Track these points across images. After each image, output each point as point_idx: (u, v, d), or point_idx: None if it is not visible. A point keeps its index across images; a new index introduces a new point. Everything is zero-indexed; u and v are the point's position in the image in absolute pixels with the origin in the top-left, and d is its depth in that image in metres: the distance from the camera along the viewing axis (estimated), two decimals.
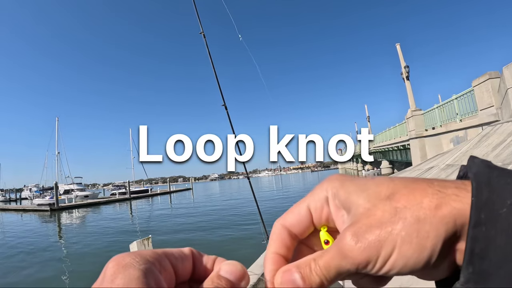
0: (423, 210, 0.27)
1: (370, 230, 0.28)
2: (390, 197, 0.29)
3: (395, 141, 28.58)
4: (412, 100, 23.20)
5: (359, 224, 0.29)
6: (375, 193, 0.31)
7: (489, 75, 11.53)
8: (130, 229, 20.58)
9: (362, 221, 0.29)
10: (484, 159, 0.30)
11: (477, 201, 0.26)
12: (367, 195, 0.31)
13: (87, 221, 27.98)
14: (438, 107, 17.32)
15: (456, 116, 15.01)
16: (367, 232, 0.28)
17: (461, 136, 13.96)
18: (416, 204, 0.28)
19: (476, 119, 12.44)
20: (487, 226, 0.25)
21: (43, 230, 23.33)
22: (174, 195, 58.07)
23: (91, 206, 42.61)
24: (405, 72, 24.40)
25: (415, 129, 19.70)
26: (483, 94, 11.87)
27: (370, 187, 0.31)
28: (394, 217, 0.28)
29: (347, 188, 0.33)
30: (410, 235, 0.27)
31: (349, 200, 0.32)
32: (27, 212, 40.37)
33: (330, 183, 0.34)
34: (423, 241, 0.27)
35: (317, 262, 0.31)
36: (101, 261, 3.76)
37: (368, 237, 0.28)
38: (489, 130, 9.12)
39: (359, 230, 0.29)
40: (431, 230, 0.27)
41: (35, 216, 35.15)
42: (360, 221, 0.29)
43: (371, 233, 0.28)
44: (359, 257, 0.28)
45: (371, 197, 0.30)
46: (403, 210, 0.28)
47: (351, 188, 0.32)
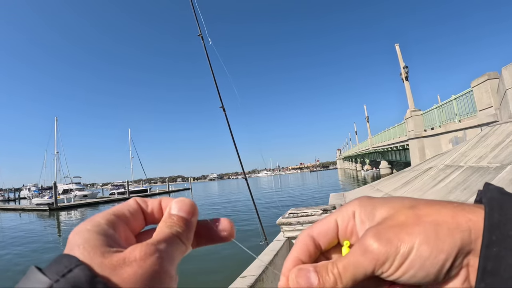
0: (442, 216, 0.30)
1: (391, 229, 0.30)
2: (413, 207, 0.32)
3: (394, 141, 28.62)
4: (411, 100, 23.23)
5: (381, 225, 0.32)
6: (399, 204, 0.33)
7: (488, 75, 11.54)
8: None
9: (385, 223, 0.32)
10: (498, 186, 0.32)
11: (489, 224, 0.28)
12: (392, 205, 0.33)
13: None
14: (437, 107, 17.34)
15: (455, 116, 15.02)
16: (388, 231, 0.30)
17: (460, 137, 13.98)
18: (436, 212, 0.30)
19: (475, 119, 12.46)
20: (498, 247, 0.27)
21: (41, 230, 23.24)
22: (172, 194, 57.94)
23: (90, 205, 42.54)
24: (404, 72, 24.43)
25: (414, 129, 19.71)
26: (482, 95, 11.88)
27: (395, 200, 0.34)
28: (415, 221, 0.30)
29: (373, 202, 0.35)
30: (429, 236, 0.29)
31: (374, 211, 0.34)
32: (25, 212, 40.24)
33: (358, 200, 0.36)
34: (441, 244, 0.28)
35: (335, 264, 0.32)
36: None
37: (389, 235, 0.30)
38: (488, 130, 9.12)
39: (381, 229, 0.31)
40: (448, 235, 0.29)
41: (34, 215, 35.03)
42: (383, 223, 0.32)
43: (392, 232, 0.30)
44: (379, 252, 0.30)
45: (395, 206, 0.33)
46: (424, 216, 0.30)
47: (377, 202, 0.35)
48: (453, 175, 7.56)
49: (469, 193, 5.58)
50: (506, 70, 8.76)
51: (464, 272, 0.29)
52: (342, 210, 0.36)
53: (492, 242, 0.27)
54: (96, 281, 0.25)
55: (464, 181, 6.50)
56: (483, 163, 6.73)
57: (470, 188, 5.89)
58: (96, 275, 0.26)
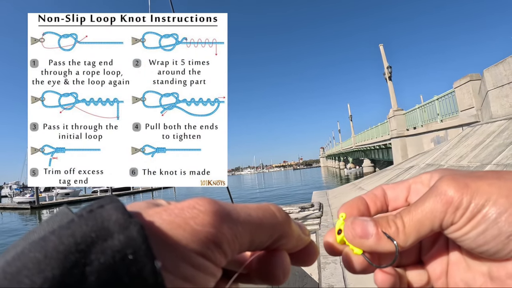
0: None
1: (470, 177, 0.27)
2: (494, 170, 0.29)
3: (377, 140, 28.88)
4: (394, 100, 23.46)
5: (459, 172, 0.29)
6: (478, 172, 0.29)
7: (470, 77, 11.68)
8: None
9: (462, 171, 0.29)
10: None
11: None
12: (471, 172, 0.29)
13: None
14: (420, 107, 17.53)
15: (437, 116, 15.20)
16: (467, 177, 0.27)
17: (441, 136, 14.15)
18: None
19: (457, 119, 12.61)
20: None
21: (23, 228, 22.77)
22: (156, 192, 57.55)
23: (72, 203, 41.77)
24: (387, 72, 24.65)
25: (397, 128, 19.90)
26: (464, 96, 12.03)
27: (474, 172, 0.30)
28: (497, 176, 0.27)
29: (452, 172, 0.30)
30: (509, 193, 0.25)
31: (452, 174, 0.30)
32: (6, 210, 39.55)
33: (437, 170, 0.33)
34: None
35: (400, 214, 0.29)
36: None
37: (467, 181, 0.27)
38: (469, 130, 9.25)
39: (458, 174, 0.28)
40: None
41: (15, 214, 34.37)
42: (460, 171, 0.29)
43: (471, 179, 0.27)
44: (453, 196, 0.26)
45: (479, 173, 0.29)
46: (505, 174, 0.27)
47: (460, 173, 0.30)
48: None
49: None
50: (488, 72, 8.87)
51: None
52: (419, 176, 0.34)
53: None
54: (131, 221, 0.20)
55: None
56: (464, 162, 6.81)
57: None
58: (132, 215, 0.21)
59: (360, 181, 15.21)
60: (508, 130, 6.48)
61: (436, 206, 0.27)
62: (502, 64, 8.20)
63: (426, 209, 0.27)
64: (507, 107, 8.08)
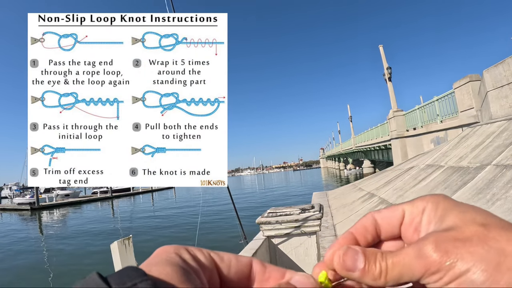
0: (511, 246, 0.27)
1: (453, 242, 0.28)
2: (484, 225, 0.29)
3: (376, 141, 28.87)
4: (394, 101, 23.44)
5: (444, 234, 0.29)
6: (471, 217, 0.30)
7: (470, 78, 11.67)
8: (111, 228, 20.15)
9: (449, 233, 0.29)
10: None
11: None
12: (463, 216, 0.30)
13: (68, 220, 27.24)
14: (420, 108, 17.52)
15: (437, 117, 15.19)
16: (450, 242, 0.28)
17: (441, 137, 14.15)
18: (506, 240, 0.27)
19: (457, 120, 12.61)
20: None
21: (23, 230, 22.72)
22: (156, 193, 57.46)
23: (72, 205, 41.73)
24: (387, 73, 24.61)
25: (397, 129, 19.90)
26: (464, 96, 12.03)
27: (468, 210, 0.31)
28: (481, 242, 0.27)
29: (447, 205, 0.32)
30: (489, 264, 0.26)
31: (445, 215, 0.31)
32: (6, 212, 39.42)
33: (432, 197, 0.34)
34: (499, 277, 0.25)
35: (386, 256, 0.30)
36: (82, 260, 3.54)
37: (449, 247, 0.28)
38: (468, 131, 9.23)
39: (442, 238, 0.29)
40: (510, 269, 0.26)
41: (15, 215, 34.24)
42: (447, 232, 0.29)
43: (453, 245, 0.28)
44: (433, 261, 0.28)
45: (466, 219, 0.30)
46: (492, 240, 0.27)
47: (451, 206, 0.32)
48: (434, 174, 7.62)
49: (449, 192, 5.60)
50: (488, 73, 8.86)
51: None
52: (414, 202, 0.34)
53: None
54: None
55: (445, 181, 6.54)
56: (464, 163, 6.79)
57: (450, 187, 5.92)
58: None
59: (360, 182, 15.18)
60: (508, 130, 6.47)
61: (416, 266, 0.28)
62: (502, 65, 8.20)
63: (407, 265, 0.29)
64: (506, 107, 8.07)
